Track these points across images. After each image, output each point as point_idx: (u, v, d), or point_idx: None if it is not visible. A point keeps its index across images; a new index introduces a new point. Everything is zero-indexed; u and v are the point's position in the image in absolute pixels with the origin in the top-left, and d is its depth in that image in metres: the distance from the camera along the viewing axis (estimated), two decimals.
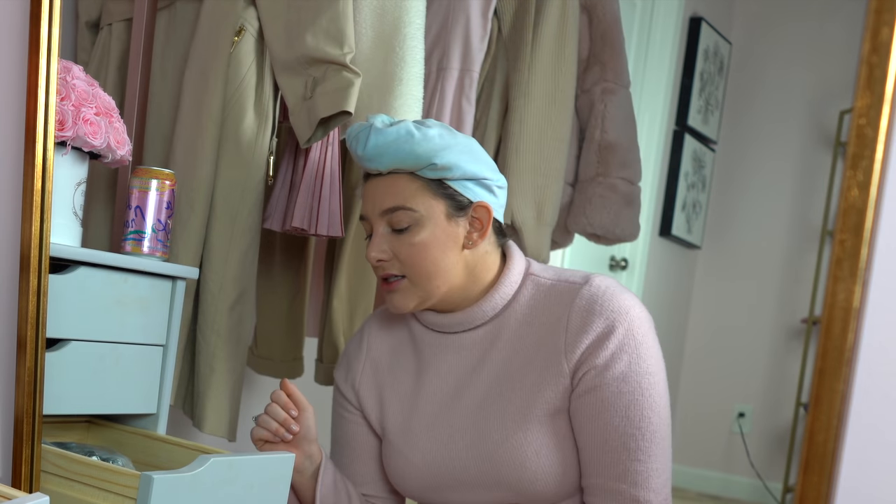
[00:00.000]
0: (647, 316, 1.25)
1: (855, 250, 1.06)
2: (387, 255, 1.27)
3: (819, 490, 1.07)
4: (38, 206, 1.14)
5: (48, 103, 1.15)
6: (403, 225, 1.26)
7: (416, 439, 1.31)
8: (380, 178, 1.29)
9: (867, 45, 1.05)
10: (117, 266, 1.30)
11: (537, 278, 1.30)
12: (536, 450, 1.23)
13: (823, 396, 1.07)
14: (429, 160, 1.24)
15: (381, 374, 1.39)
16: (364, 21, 1.61)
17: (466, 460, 1.27)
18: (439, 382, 1.32)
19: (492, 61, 1.89)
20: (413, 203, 1.26)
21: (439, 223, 1.26)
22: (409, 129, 1.26)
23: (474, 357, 1.30)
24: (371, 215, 1.29)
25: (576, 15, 1.91)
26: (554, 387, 1.23)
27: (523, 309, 1.28)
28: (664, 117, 3.47)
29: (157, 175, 1.38)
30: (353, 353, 1.43)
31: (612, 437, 1.21)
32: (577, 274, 1.29)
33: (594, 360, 1.21)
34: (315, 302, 1.92)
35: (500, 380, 1.27)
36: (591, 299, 1.23)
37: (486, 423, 1.26)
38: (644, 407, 1.20)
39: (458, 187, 1.27)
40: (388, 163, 1.26)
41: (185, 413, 1.66)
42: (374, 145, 1.25)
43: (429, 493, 1.32)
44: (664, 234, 3.59)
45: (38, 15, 1.13)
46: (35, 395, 1.16)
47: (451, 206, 1.27)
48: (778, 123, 3.63)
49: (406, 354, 1.37)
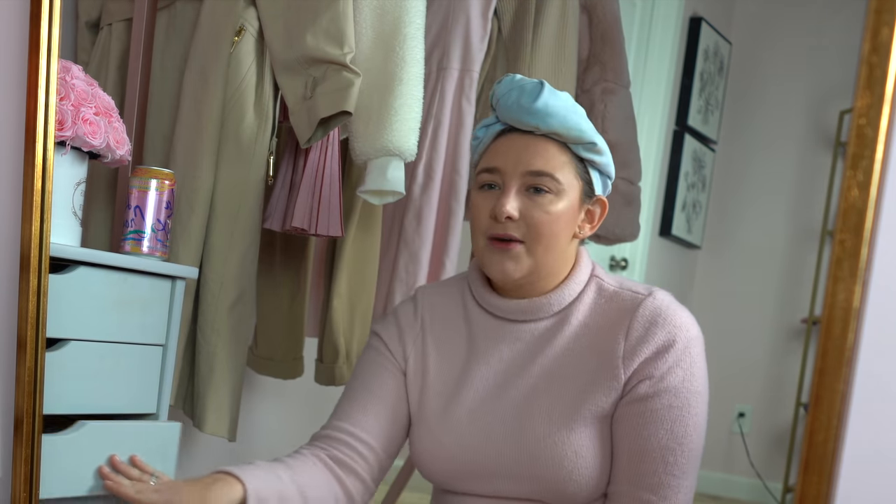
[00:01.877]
0: (702, 336, 1.27)
1: (855, 250, 1.06)
2: (518, 214, 1.24)
3: (819, 490, 1.07)
4: (37, 206, 1.14)
5: (48, 103, 1.15)
6: (543, 188, 1.24)
7: (454, 425, 1.29)
8: (529, 137, 1.25)
9: (867, 45, 1.05)
10: (117, 266, 1.30)
11: (601, 282, 1.31)
12: (576, 450, 1.23)
13: (823, 396, 1.07)
14: (590, 138, 1.25)
15: (429, 352, 1.36)
16: (364, 21, 1.61)
17: (504, 451, 1.26)
18: (488, 371, 1.30)
19: (492, 61, 1.89)
20: (560, 174, 1.25)
21: (573, 202, 1.26)
22: (574, 102, 1.26)
23: (528, 350, 1.30)
24: (510, 171, 1.25)
25: (576, 15, 1.91)
26: (606, 391, 1.24)
27: (585, 310, 1.29)
28: (664, 117, 3.47)
29: (157, 175, 1.38)
30: (406, 320, 1.38)
31: (653, 449, 1.21)
32: (639, 284, 1.30)
33: (651, 371, 1.22)
34: (315, 302, 1.93)
35: (550, 376, 1.27)
36: (655, 311, 1.25)
37: (529, 416, 1.26)
38: (688, 424, 1.22)
39: (594, 177, 1.28)
40: (553, 125, 1.23)
41: (185, 413, 1.66)
42: (545, 104, 1.22)
43: (455, 479, 1.30)
44: (664, 234, 3.59)
45: (38, 15, 1.13)
46: (35, 395, 1.16)
47: (584, 191, 1.28)
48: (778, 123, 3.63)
49: (458, 337, 1.35)
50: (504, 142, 1.27)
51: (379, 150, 1.61)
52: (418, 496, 2.86)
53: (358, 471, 1.31)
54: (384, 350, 1.37)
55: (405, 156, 1.63)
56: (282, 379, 1.92)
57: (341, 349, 1.85)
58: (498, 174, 1.26)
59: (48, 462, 1.19)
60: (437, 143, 1.82)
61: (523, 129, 1.26)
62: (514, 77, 1.27)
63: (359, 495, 1.32)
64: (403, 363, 1.36)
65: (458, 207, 1.83)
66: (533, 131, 1.25)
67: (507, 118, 1.27)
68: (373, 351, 1.39)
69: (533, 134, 1.25)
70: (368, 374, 1.37)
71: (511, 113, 1.25)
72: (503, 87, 1.27)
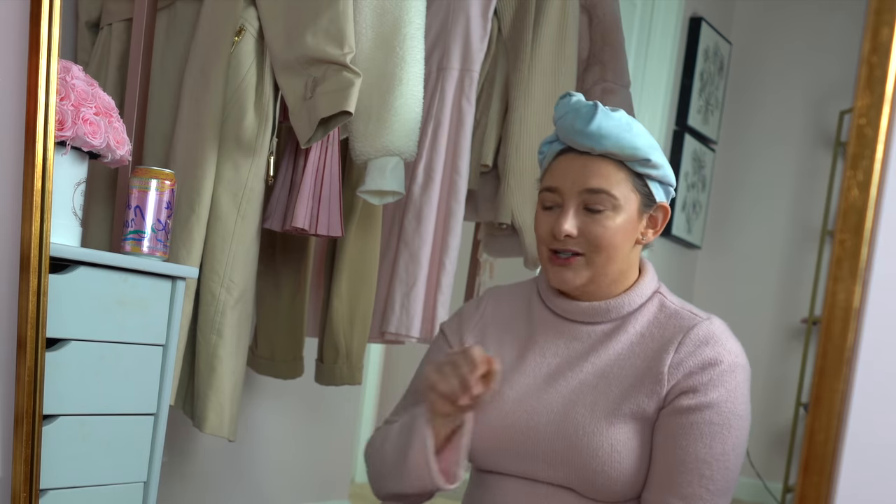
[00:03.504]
0: (749, 368, 1.29)
1: (855, 250, 1.06)
2: (577, 232, 1.30)
3: (819, 490, 1.07)
4: (37, 206, 1.14)
5: (48, 103, 1.15)
6: (599, 207, 1.29)
7: (501, 403, 1.33)
8: (585, 157, 1.30)
9: (867, 45, 1.05)
10: (117, 266, 1.30)
11: (664, 299, 1.36)
12: (612, 444, 1.26)
13: (823, 396, 1.07)
14: (645, 155, 1.29)
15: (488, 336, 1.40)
16: (364, 21, 1.61)
17: (544, 434, 1.29)
18: (542, 361, 1.35)
19: (492, 61, 1.89)
20: (616, 190, 1.29)
21: (631, 214, 1.31)
22: (628, 119, 1.29)
23: (584, 349, 1.34)
24: (567, 190, 1.31)
25: (576, 15, 1.91)
26: (648, 394, 1.27)
27: (644, 322, 1.33)
28: (664, 117, 3.47)
29: (157, 175, 1.38)
30: (468, 312, 1.45)
31: (690, 460, 1.24)
32: (700, 310, 1.34)
33: (694, 384, 1.25)
34: (315, 302, 1.92)
35: (599, 377, 1.31)
36: (709, 333, 1.28)
37: (573, 407, 1.29)
38: (727, 443, 1.24)
39: (652, 187, 1.32)
40: (607, 146, 1.28)
41: (185, 413, 1.66)
42: (599, 126, 1.27)
43: (492, 456, 1.34)
44: (664, 235, 3.59)
45: (38, 15, 1.13)
46: (35, 395, 1.16)
47: (642, 202, 1.32)
48: (778, 123, 3.63)
49: (518, 327, 1.40)
50: (563, 161, 1.32)
51: (379, 150, 1.61)
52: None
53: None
54: (444, 344, 1.43)
55: (405, 156, 1.63)
56: (282, 379, 1.92)
57: (341, 349, 1.85)
58: (557, 193, 1.32)
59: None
60: (437, 143, 1.82)
61: (580, 150, 1.30)
62: (571, 99, 1.31)
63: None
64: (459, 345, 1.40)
65: (458, 207, 1.84)
66: (589, 152, 1.30)
67: (564, 139, 1.32)
68: (435, 347, 1.45)
69: (590, 154, 1.30)
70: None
71: (567, 135, 1.30)
72: (560, 109, 1.32)
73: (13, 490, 1.16)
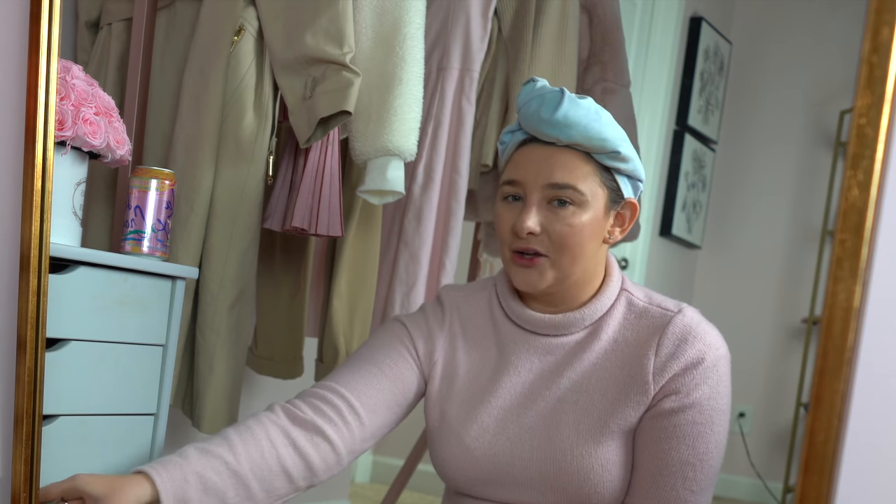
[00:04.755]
0: (729, 355, 1.27)
1: (855, 250, 1.06)
2: (540, 229, 1.22)
3: (819, 490, 1.07)
4: (37, 206, 1.14)
5: (48, 103, 1.15)
6: (565, 202, 1.21)
7: (482, 432, 1.28)
8: (550, 149, 1.22)
9: (867, 45, 1.05)
10: (117, 266, 1.30)
11: (631, 296, 1.29)
12: (603, 464, 1.23)
13: (823, 396, 1.07)
14: (614, 147, 1.21)
15: (459, 358, 1.33)
16: (364, 21, 1.61)
17: (530, 461, 1.25)
18: (517, 380, 1.29)
19: (492, 61, 1.89)
20: (583, 185, 1.21)
21: (598, 212, 1.23)
22: (597, 108, 1.21)
23: (557, 362, 1.29)
24: (530, 183, 1.22)
25: (576, 15, 1.91)
26: (636, 406, 1.24)
27: (615, 325, 1.28)
28: (664, 117, 3.48)
29: (157, 175, 1.38)
30: (436, 323, 1.35)
31: (674, 463, 1.21)
32: (667, 300, 1.29)
33: (678, 386, 1.22)
34: (315, 302, 1.93)
35: (578, 389, 1.26)
36: (685, 328, 1.24)
37: (557, 428, 1.25)
38: (710, 441, 1.22)
39: (621, 181, 1.25)
40: (573, 136, 1.20)
41: (184, 413, 1.66)
42: (566, 114, 1.19)
43: (477, 486, 1.29)
44: (664, 234, 3.59)
45: (38, 15, 1.13)
46: (35, 395, 1.16)
47: (610, 198, 1.24)
48: (778, 123, 3.64)
49: (487, 345, 1.33)
50: (526, 152, 1.24)
51: (379, 149, 1.61)
52: (418, 496, 2.86)
53: (329, 434, 1.24)
54: (407, 341, 1.34)
55: (405, 156, 1.63)
56: (282, 379, 1.92)
57: (341, 349, 1.85)
58: (519, 186, 1.23)
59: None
60: (437, 143, 1.82)
61: (545, 139, 1.23)
62: (535, 85, 1.23)
63: (322, 460, 1.24)
64: (429, 365, 1.34)
65: (458, 207, 1.83)
66: (554, 142, 1.22)
67: (527, 128, 1.24)
68: (392, 336, 1.35)
69: (555, 145, 1.22)
70: (381, 352, 1.33)
71: (531, 123, 1.23)
72: (523, 95, 1.24)
73: (13, 490, 1.16)
